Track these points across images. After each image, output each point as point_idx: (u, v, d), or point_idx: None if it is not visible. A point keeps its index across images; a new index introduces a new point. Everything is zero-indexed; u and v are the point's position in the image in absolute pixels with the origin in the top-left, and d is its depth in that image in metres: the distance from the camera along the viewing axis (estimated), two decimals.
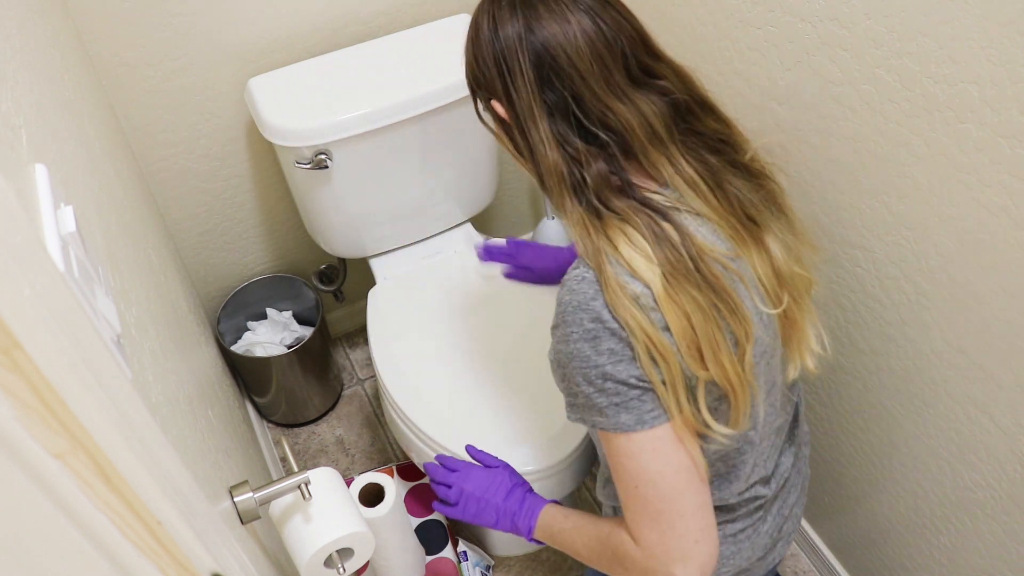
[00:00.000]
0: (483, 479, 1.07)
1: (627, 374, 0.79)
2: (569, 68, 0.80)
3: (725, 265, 0.81)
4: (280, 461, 1.83)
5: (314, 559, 0.92)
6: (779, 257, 0.87)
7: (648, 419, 0.80)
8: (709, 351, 0.79)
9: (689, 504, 0.81)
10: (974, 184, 0.96)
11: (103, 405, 0.39)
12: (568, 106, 0.82)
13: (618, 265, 0.79)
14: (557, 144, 0.82)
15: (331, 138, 1.41)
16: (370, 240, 1.64)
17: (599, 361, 0.79)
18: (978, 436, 1.11)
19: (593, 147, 0.82)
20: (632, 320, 0.77)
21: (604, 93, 0.81)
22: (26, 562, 0.38)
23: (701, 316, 0.78)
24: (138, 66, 1.41)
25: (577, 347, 0.80)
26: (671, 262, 0.78)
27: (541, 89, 0.82)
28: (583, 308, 0.80)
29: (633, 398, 0.80)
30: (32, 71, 0.70)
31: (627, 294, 0.77)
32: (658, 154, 0.82)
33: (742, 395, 0.82)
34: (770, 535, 1.04)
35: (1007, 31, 0.85)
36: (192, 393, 0.93)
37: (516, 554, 1.70)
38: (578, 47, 0.80)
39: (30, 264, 0.37)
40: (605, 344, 0.79)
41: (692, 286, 0.78)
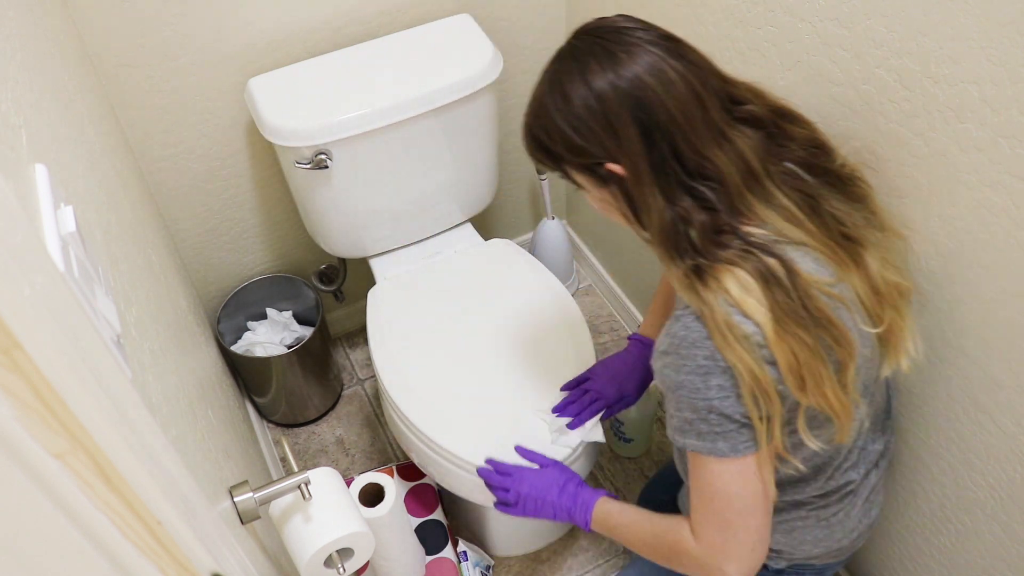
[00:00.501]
0: (536, 480, 1.15)
1: (733, 410, 0.85)
2: (666, 119, 0.80)
3: (828, 294, 0.84)
4: (280, 461, 1.83)
5: (314, 559, 0.92)
6: (876, 273, 0.89)
7: (741, 448, 0.87)
8: (812, 383, 0.83)
9: (755, 521, 0.90)
10: (974, 184, 0.96)
11: (103, 405, 0.39)
12: (669, 163, 0.82)
13: (728, 306, 0.82)
14: (665, 205, 0.83)
15: (331, 138, 1.41)
16: (370, 240, 1.64)
17: (708, 395, 0.84)
18: (978, 436, 1.11)
19: (697, 198, 0.83)
20: (740, 363, 0.81)
21: (702, 139, 0.81)
22: (26, 562, 0.38)
23: (808, 353, 0.82)
24: (138, 66, 1.40)
25: (688, 378, 0.85)
26: (780, 304, 0.81)
27: (646, 144, 0.81)
28: (698, 345, 0.83)
29: (732, 430, 0.86)
30: (32, 71, 0.70)
31: (737, 334, 0.80)
32: (753, 196, 0.84)
33: (845, 418, 0.87)
34: (859, 519, 1.08)
35: (1007, 31, 0.85)
36: (192, 393, 0.93)
37: (516, 554, 1.70)
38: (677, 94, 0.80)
39: (30, 264, 0.37)
40: (715, 380, 0.84)
41: (799, 327, 0.81)
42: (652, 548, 1.01)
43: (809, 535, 1.05)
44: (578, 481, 1.15)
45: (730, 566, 0.92)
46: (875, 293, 0.89)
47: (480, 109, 1.52)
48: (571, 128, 0.85)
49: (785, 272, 0.82)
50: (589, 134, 0.84)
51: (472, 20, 1.57)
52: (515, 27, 1.70)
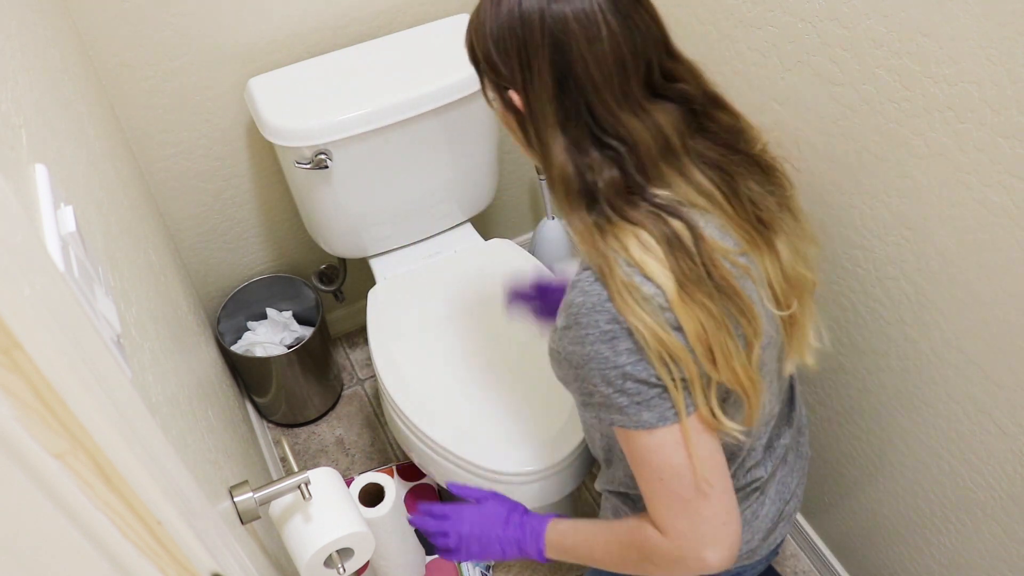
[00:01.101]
0: (476, 516, 1.05)
1: (647, 373, 0.79)
2: (584, 75, 0.77)
3: (733, 262, 0.81)
4: (280, 461, 1.83)
5: (314, 559, 0.92)
6: (787, 260, 0.87)
7: (670, 415, 0.80)
8: (721, 357, 0.79)
9: (715, 489, 0.82)
10: (974, 184, 0.96)
11: (103, 405, 0.39)
12: (582, 114, 0.79)
13: (627, 265, 0.78)
14: (568, 149, 0.80)
15: (331, 138, 1.41)
16: (370, 240, 1.64)
17: (618, 361, 0.79)
18: (978, 436, 1.11)
19: (606, 155, 0.80)
20: (641, 325, 0.76)
21: (618, 106, 0.78)
22: (26, 562, 0.38)
23: (713, 324, 0.78)
24: (138, 66, 1.41)
25: (594, 348, 0.79)
26: (684, 270, 0.77)
27: (559, 90, 0.78)
28: (598, 309, 0.79)
29: (654, 396, 0.80)
30: (32, 71, 0.70)
31: (638, 296, 0.76)
32: (669, 167, 0.81)
33: (754, 396, 0.83)
34: (770, 518, 1.04)
35: (1007, 31, 0.85)
36: (192, 393, 0.93)
37: None
38: (601, 52, 0.76)
39: (30, 264, 0.37)
40: (623, 344, 0.78)
41: (704, 294, 0.77)
42: (621, 558, 0.91)
43: None
44: (523, 510, 1.05)
45: (707, 551, 0.83)
46: (785, 279, 0.86)
47: (480, 109, 1.52)
48: (492, 40, 0.82)
49: (691, 236, 0.78)
50: (504, 54, 0.80)
51: None
52: None
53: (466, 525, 1.05)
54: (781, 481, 1.05)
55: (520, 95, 0.82)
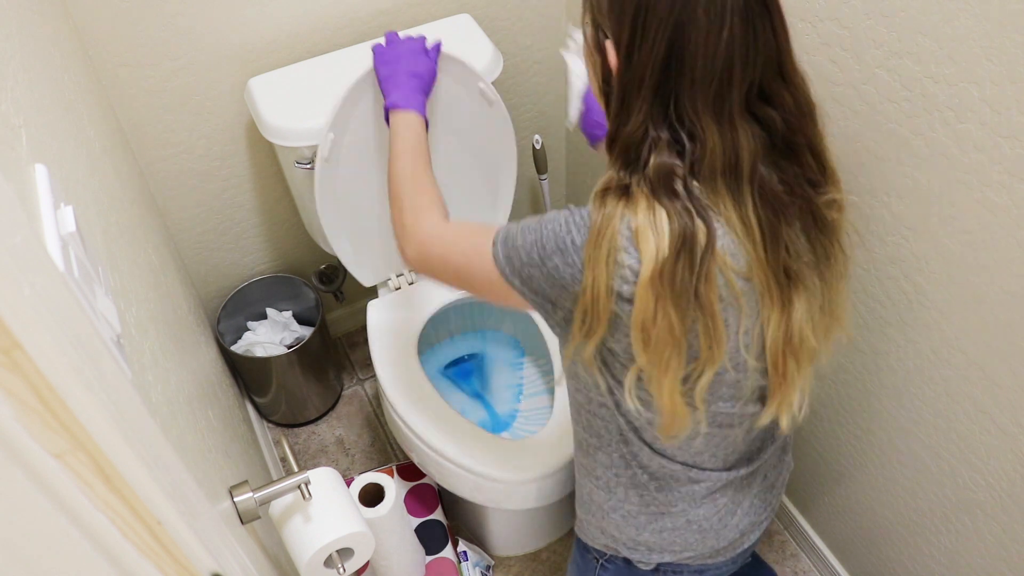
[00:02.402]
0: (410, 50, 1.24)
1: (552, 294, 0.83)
2: (689, 67, 0.74)
3: (730, 281, 0.78)
4: (280, 461, 1.83)
5: (314, 559, 0.92)
6: (797, 321, 0.83)
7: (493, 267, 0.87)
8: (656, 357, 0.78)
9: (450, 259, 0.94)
10: (974, 184, 0.96)
11: (103, 405, 0.39)
12: (669, 97, 0.76)
13: (627, 228, 0.77)
14: (644, 122, 0.78)
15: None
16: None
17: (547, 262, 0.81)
18: (978, 436, 1.11)
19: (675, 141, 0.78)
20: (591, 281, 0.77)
21: (705, 108, 0.76)
22: (26, 562, 0.38)
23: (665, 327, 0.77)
24: (138, 66, 1.41)
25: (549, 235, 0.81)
26: (674, 274, 0.75)
27: (663, 68, 0.75)
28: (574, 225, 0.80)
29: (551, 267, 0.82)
30: (32, 71, 0.70)
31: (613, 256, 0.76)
32: (726, 187, 0.78)
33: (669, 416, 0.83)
34: (740, 528, 1.04)
35: (1007, 31, 0.85)
36: (192, 393, 0.93)
37: (516, 554, 1.70)
38: (715, 54, 0.74)
39: (30, 264, 0.37)
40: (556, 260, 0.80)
41: (674, 305, 0.76)
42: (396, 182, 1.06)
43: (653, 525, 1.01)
44: (422, 84, 1.20)
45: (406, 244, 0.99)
46: (786, 340, 0.84)
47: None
48: None
49: (704, 242, 0.76)
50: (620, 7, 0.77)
51: (472, 20, 1.57)
52: (515, 27, 1.70)
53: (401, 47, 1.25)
54: (758, 496, 1.05)
55: (619, 53, 0.79)
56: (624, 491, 1.00)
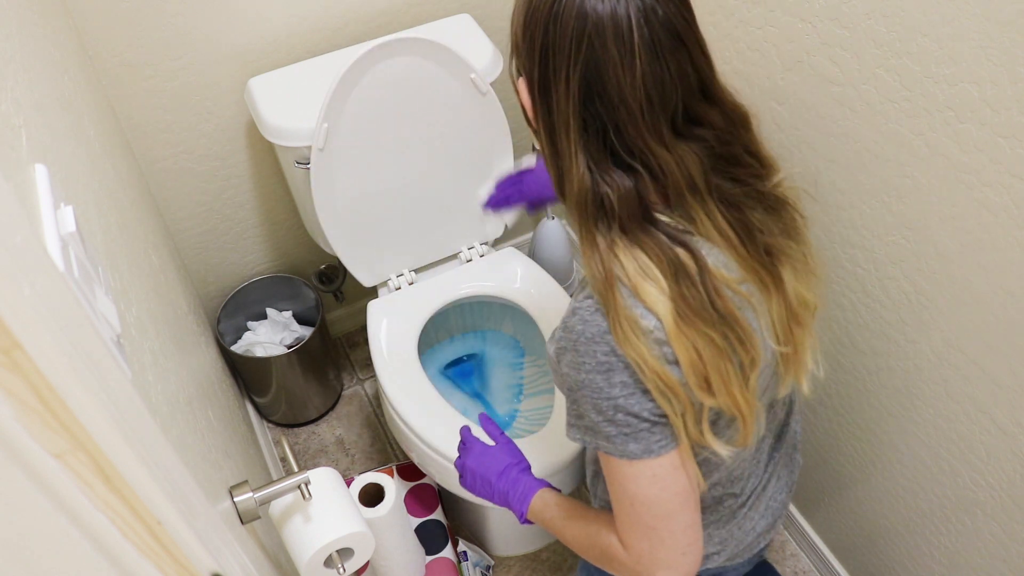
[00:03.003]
0: (479, 456, 1.09)
1: (640, 407, 0.80)
2: (618, 100, 0.74)
3: (736, 291, 0.80)
4: (280, 461, 1.83)
5: (314, 559, 0.92)
6: (791, 290, 0.85)
7: (655, 448, 0.81)
8: (719, 382, 0.79)
9: (681, 523, 0.84)
10: (974, 184, 0.96)
11: (103, 405, 0.39)
12: (606, 131, 0.76)
13: (629, 296, 0.77)
14: (586, 161, 0.77)
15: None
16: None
17: (612, 393, 0.79)
18: (978, 436, 1.11)
19: (626, 175, 0.78)
20: (639, 359, 0.76)
21: (648, 135, 0.76)
22: (26, 562, 0.38)
23: (712, 351, 0.77)
24: (138, 66, 1.41)
25: (590, 377, 0.80)
26: (685, 297, 0.76)
27: (583, 103, 0.75)
28: (597, 341, 0.79)
29: (643, 429, 0.81)
30: (32, 71, 0.70)
31: (638, 329, 0.76)
32: (695, 204, 0.79)
33: (750, 419, 0.83)
34: (757, 531, 1.05)
35: (1007, 31, 0.85)
36: (192, 393, 0.93)
37: (516, 554, 1.70)
38: (633, 85, 0.74)
39: (30, 264, 0.37)
40: (619, 377, 0.79)
41: (705, 323, 0.77)
42: (586, 549, 0.95)
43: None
44: (523, 467, 1.07)
45: (661, 573, 0.86)
46: (788, 312, 0.85)
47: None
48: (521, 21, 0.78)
49: (695, 266, 0.77)
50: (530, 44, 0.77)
51: (472, 20, 1.57)
52: None
53: (472, 459, 1.09)
54: (772, 496, 1.05)
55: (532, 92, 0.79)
56: None
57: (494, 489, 1.06)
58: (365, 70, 1.34)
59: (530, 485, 1.04)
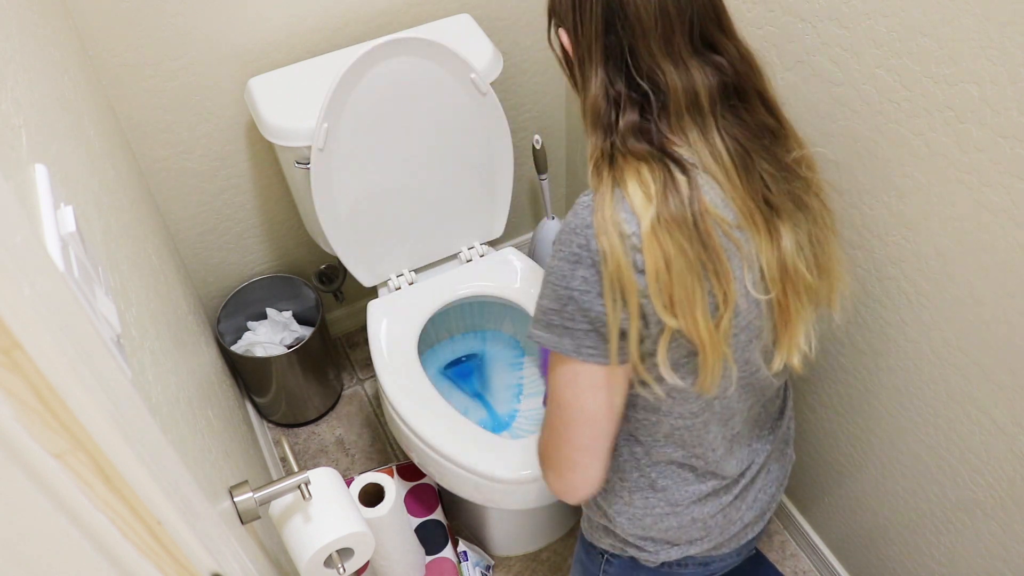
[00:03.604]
0: None
1: (589, 306, 0.83)
2: (634, 19, 0.82)
3: (726, 232, 0.82)
4: (280, 461, 1.83)
5: (314, 559, 0.92)
6: (787, 249, 0.87)
7: (584, 352, 0.84)
8: (683, 300, 0.80)
9: (580, 438, 0.89)
10: (974, 184, 0.96)
11: (103, 405, 0.39)
12: (623, 53, 0.83)
13: (619, 198, 0.81)
14: (603, 84, 0.85)
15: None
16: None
17: (571, 284, 0.83)
18: (978, 436, 1.11)
19: (635, 95, 0.84)
20: (609, 248, 0.79)
21: (659, 52, 0.82)
22: (26, 562, 0.38)
23: (683, 263, 0.80)
24: (138, 66, 1.41)
25: (558, 264, 0.84)
26: (671, 208, 0.80)
27: (605, 31, 0.84)
28: (577, 232, 0.82)
29: (582, 330, 0.84)
30: (32, 71, 0.70)
31: (617, 228, 0.80)
32: (691, 121, 0.84)
33: (712, 355, 0.84)
34: (744, 522, 1.05)
35: (1007, 31, 0.85)
36: (192, 393, 0.93)
37: (516, 554, 1.70)
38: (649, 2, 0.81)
39: (30, 264, 0.37)
40: (582, 272, 0.82)
41: (683, 235, 0.80)
42: None
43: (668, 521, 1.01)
44: None
45: (551, 475, 0.92)
46: (779, 268, 0.87)
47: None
48: None
49: (688, 191, 0.81)
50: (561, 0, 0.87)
51: (472, 20, 1.57)
52: (515, 27, 1.70)
53: None
54: (761, 488, 1.05)
55: (569, 34, 0.87)
56: (629, 494, 1.00)
57: None
58: (365, 70, 1.34)
59: None
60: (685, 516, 1.00)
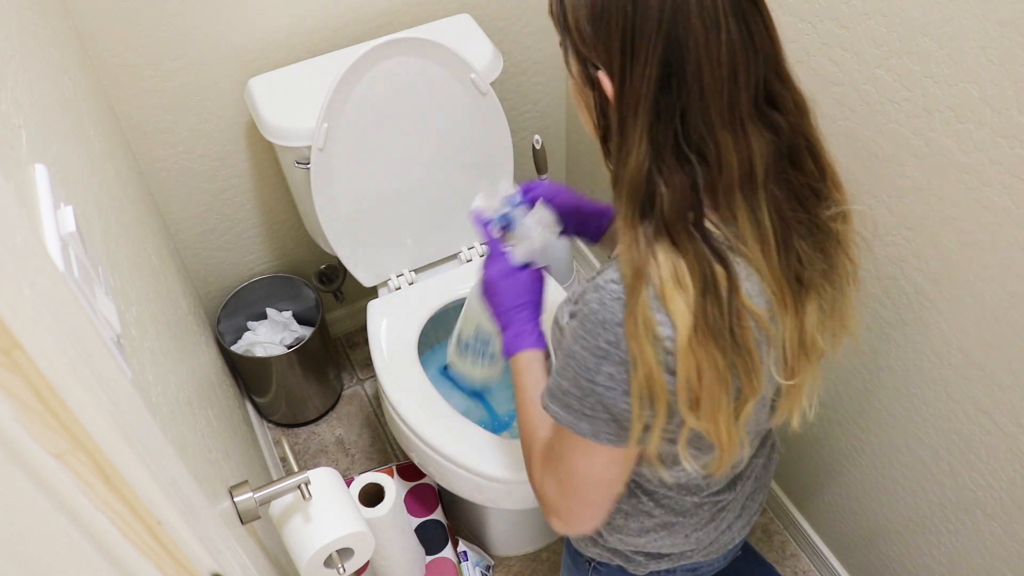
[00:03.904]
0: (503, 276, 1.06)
1: (613, 404, 0.79)
2: (693, 80, 0.70)
3: (761, 324, 0.78)
4: (280, 461, 1.83)
5: (314, 559, 0.92)
6: (810, 325, 0.83)
7: (601, 437, 0.82)
8: (708, 408, 0.77)
9: (591, 499, 0.87)
10: (974, 184, 0.96)
11: (103, 405, 0.39)
12: (674, 117, 0.71)
13: (655, 299, 0.75)
14: (648, 155, 0.73)
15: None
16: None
17: (596, 379, 0.79)
18: (978, 436, 1.11)
19: (682, 168, 0.73)
20: (641, 355, 0.74)
21: (719, 120, 0.71)
22: (26, 562, 0.38)
23: (713, 376, 0.75)
24: (138, 66, 1.41)
25: (584, 354, 0.79)
26: (708, 315, 0.74)
27: (659, 88, 0.70)
28: (606, 327, 0.77)
29: (601, 419, 0.81)
30: (32, 71, 0.70)
31: (651, 333, 0.74)
32: (742, 199, 0.75)
33: (728, 450, 0.82)
34: (735, 530, 1.05)
35: (1007, 31, 0.85)
36: (192, 393, 0.93)
37: (516, 554, 1.70)
38: (718, 61, 0.69)
39: (30, 264, 0.37)
40: (608, 368, 0.78)
41: (717, 347, 0.75)
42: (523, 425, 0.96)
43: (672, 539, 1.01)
44: (535, 309, 1.05)
45: (556, 520, 0.90)
46: (801, 345, 0.83)
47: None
48: (589, 8, 0.72)
49: (727, 286, 0.74)
50: (604, 31, 0.72)
51: (472, 20, 1.57)
52: (515, 27, 1.70)
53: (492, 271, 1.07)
54: (751, 497, 1.05)
55: (613, 81, 0.73)
56: (624, 519, 0.99)
57: (499, 311, 1.05)
58: (365, 70, 1.34)
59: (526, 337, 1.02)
60: (679, 535, 1.00)
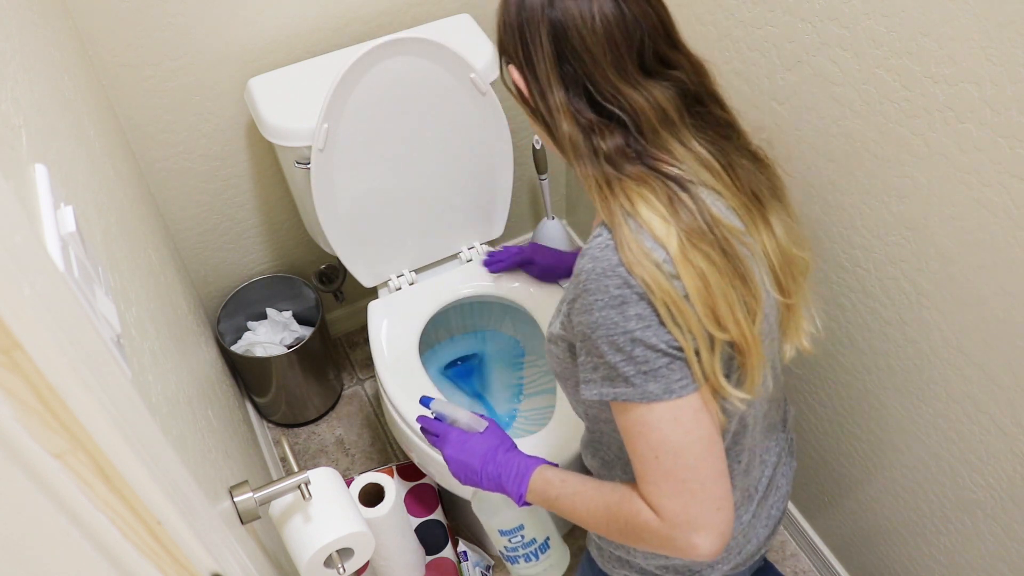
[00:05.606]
0: (461, 444, 1.03)
1: (657, 339, 0.77)
2: (582, 50, 0.82)
3: (739, 238, 0.82)
4: (280, 461, 1.83)
5: (314, 559, 0.92)
6: (782, 237, 0.88)
7: (676, 388, 0.78)
8: (727, 311, 0.78)
9: (710, 472, 0.79)
10: (974, 184, 0.96)
11: (103, 405, 0.39)
12: (582, 82, 0.83)
13: (637, 229, 0.79)
14: (571, 115, 0.84)
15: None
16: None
17: (628, 327, 0.77)
18: (978, 436, 1.11)
19: (609, 121, 0.83)
20: (651, 280, 0.76)
21: (616, 78, 0.82)
22: (26, 562, 0.38)
23: (717, 274, 0.78)
24: (138, 66, 1.41)
25: (603, 314, 0.78)
26: (687, 224, 0.79)
27: (558, 62, 0.83)
28: (608, 274, 0.78)
29: (662, 366, 0.78)
30: (32, 71, 0.70)
31: (649, 258, 0.77)
32: (669, 135, 0.84)
33: (756, 355, 0.82)
34: (774, 519, 1.05)
35: (1007, 31, 0.85)
36: (192, 393, 0.93)
37: None
38: (593, 30, 0.81)
39: (30, 264, 0.37)
40: (633, 309, 0.77)
41: (708, 246, 0.79)
42: (606, 524, 0.87)
43: None
44: (508, 446, 1.01)
45: (698, 536, 0.79)
46: (783, 257, 0.87)
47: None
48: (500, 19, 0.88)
49: (695, 205, 0.80)
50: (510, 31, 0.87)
51: (472, 20, 1.57)
52: None
53: (450, 448, 1.03)
54: (773, 505, 1.05)
55: (521, 69, 0.87)
56: None
57: (483, 475, 0.99)
58: (365, 70, 1.34)
59: (525, 464, 0.97)
60: None
